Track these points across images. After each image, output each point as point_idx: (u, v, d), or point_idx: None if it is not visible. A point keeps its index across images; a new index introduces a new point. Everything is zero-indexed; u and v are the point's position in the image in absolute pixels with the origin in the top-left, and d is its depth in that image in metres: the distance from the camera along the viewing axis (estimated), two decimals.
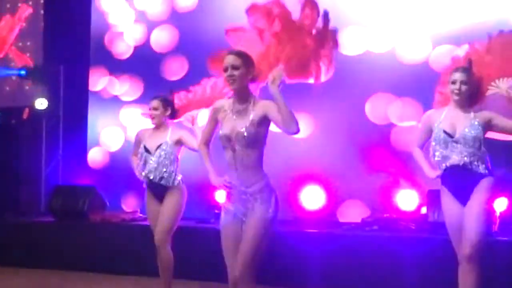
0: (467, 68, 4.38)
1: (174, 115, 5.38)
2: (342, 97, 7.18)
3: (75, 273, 6.87)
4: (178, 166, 5.23)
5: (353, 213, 7.02)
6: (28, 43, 9.15)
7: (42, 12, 9.06)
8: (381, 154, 6.95)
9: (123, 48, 8.46)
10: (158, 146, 5.20)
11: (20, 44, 9.19)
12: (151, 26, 8.33)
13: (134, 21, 8.43)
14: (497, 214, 5.81)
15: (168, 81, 7.99)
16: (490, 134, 4.42)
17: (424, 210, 6.38)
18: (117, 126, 8.39)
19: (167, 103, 5.33)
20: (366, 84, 7.11)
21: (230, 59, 3.72)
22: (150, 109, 5.31)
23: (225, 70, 3.71)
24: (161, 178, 5.15)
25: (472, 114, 4.28)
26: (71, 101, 8.71)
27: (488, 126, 4.29)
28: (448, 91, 4.37)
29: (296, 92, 7.28)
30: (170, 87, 7.78)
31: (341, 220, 7.01)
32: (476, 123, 4.25)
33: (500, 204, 5.89)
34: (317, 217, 6.81)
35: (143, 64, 8.25)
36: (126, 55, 8.44)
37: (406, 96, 6.92)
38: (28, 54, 9.08)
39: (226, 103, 3.83)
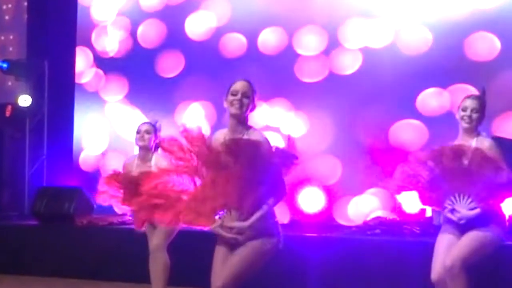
0: (479, 96, 4.40)
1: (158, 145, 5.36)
2: (340, 94, 7.21)
3: (61, 279, 6.83)
4: None
5: (354, 215, 7.03)
6: (11, 37, 9.13)
7: (25, 4, 9.05)
8: (382, 153, 6.95)
9: (110, 42, 8.43)
10: None
11: (3, 37, 9.18)
12: (139, 20, 8.31)
13: (121, 14, 8.42)
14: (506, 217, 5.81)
15: (160, 77, 8.02)
16: (497, 133, 4.44)
17: (428, 212, 6.39)
18: (104, 124, 8.37)
19: (157, 130, 5.36)
20: (365, 81, 7.13)
21: (243, 86, 3.78)
22: (139, 131, 5.32)
23: (234, 94, 3.75)
24: None
25: (474, 140, 4.26)
26: (56, 98, 8.67)
27: None
28: (457, 118, 4.37)
29: (293, 90, 7.39)
30: (160, 84, 7.91)
31: (342, 223, 7.02)
32: None
33: (508, 207, 5.87)
34: (317, 220, 6.81)
35: (131, 59, 8.25)
36: (113, 50, 8.41)
37: (406, 92, 6.94)
38: (11, 48, 9.06)
39: (223, 132, 3.84)
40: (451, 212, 4.17)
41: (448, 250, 4.20)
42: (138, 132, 5.34)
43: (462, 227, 4.19)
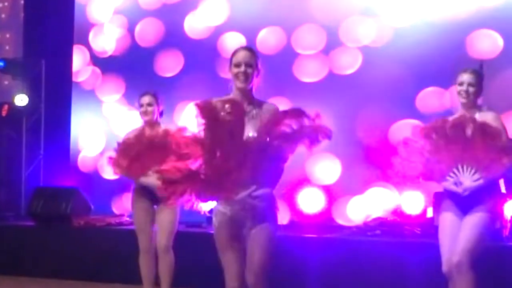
0: (476, 70, 4.38)
1: (163, 112, 5.41)
2: (339, 94, 7.19)
3: (58, 280, 6.83)
4: None
5: (354, 216, 7.00)
6: (8, 35, 9.12)
7: (22, 2, 9.03)
8: (383, 153, 6.94)
9: (107, 41, 8.40)
10: None
11: None
12: (137, 18, 8.28)
13: (119, 13, 8.39)
14: (508, 218, 5.80)
15: (158, 76, 8.00)
16: None
17: (430, 213, 6.36)
18: (102, 123, 8.35)
19: (159, 98, 5.34)
20: (365, 81, 7.11)
21: (245, 56, 3.71)
22: (142, 105, 5.29)
23: (237, 65, 3.69)
24: None
25: (477, 115, 4.27)
26: (53, 97, 8.65)
27: None
28: (455, 92, 4.38)
29: (292, 90, 7.36)
30: (158, 83, 7.88)
31: (341, 223, 6.99)
32: None
33: (511, 208, 5.87)
34: (316, 221, 6.79)
35: (129, 58, 8.23)
36: (111, 49, 8.39)
37: (407, 92, 6.91)
38: (7, 47, 9.04)
39: (223, 101, 3.74)
40: (455, 184, 4.14)
41: (452, 238, 4.17)
42: (141, 106, 5.31)
43: (463, 204, 4.18)
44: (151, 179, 5.08)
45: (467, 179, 4.11)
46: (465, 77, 4.31)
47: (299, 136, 3.56)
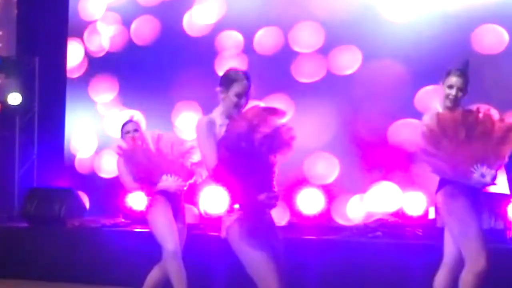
0: (464, 71, 4.35)
1: None
2: (339, 94, 7.18)
3: (51, 283, 6.82)
4: None
5: (354, 217, 6.99)
6: (0, 33, 9.09)
7: None
8: (383, 153, 6.94)
9: (102, 39, 8.38)
10: None
11: None
12: (133, 16, 8.26)
13: (115, 10, 8.37)
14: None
15: (151, 74, 7.98)
16: None
17: (432, 214, 6.35)
18: (97, 123, 8.33)
19: (140, 124, 5.45)
20: (364, 80, 7.10)
21: (247, 86, 3.78)
22: (128, 132, 5.29)
23: (240, 96, 3.75)
24: None
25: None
26: (47, 95, 8.64)
27: None
28: (442, 93, 4.35)
29: (291, 89, 7.35)
30: (154, 81, 7.86)
31: (341, 222, 6.99)
32: None
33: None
34: (316, 223, 6.78)
35: (124, 57, 8.21)
36: (106, 47, 8.37)
37: (408, 91, 6.90)
38: (0, 45, 9.02)
39: (215, 117, 3.79)
40: (482, 176, 4.03)
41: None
42: (127, 132, 5.31)
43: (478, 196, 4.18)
44: (169, 182, 5.05)
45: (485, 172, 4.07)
46: (454, 81, 4.29)
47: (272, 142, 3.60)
